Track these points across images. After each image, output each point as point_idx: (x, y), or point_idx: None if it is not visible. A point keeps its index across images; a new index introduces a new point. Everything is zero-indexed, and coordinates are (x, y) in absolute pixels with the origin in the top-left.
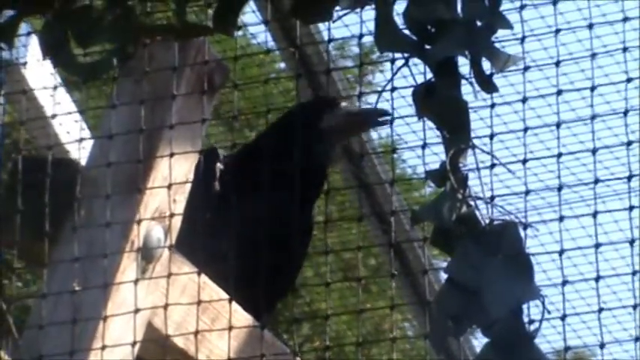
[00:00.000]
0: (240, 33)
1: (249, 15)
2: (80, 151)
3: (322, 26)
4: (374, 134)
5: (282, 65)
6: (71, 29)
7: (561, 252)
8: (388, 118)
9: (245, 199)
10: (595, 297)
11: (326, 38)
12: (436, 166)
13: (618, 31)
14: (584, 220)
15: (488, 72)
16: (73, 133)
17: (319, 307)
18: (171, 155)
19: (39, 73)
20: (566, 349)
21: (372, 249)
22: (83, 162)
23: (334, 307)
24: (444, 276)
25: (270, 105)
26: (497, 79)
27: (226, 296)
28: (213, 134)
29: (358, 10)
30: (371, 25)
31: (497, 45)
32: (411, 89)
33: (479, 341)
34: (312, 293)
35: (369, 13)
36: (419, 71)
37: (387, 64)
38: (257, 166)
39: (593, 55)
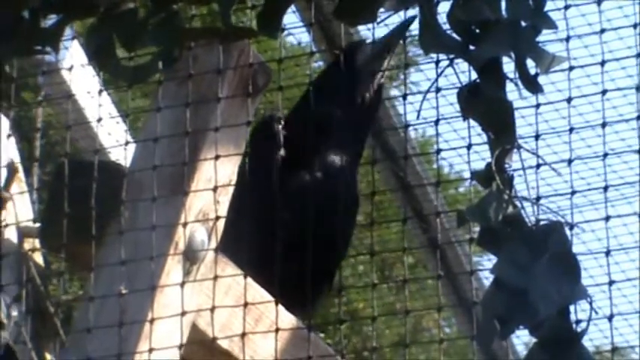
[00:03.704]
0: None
1: (289, 15)
2: (125, 152)
3: (362, 26)
4: (412, 133)
5: (321, 64)
6: (116, 33)
7: (608, 252)
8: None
9: (297, 168)
10: (636, 295)
11: (364, 37)
12: (478, 165)
13: None
14: (627, 219)
15: (532, 72)
16: (114, 135)
17: (357, 307)
18: (217, 158)
19: (80, 75)
20: (614, 349)
21: (410, 243)
22: (126, 162)
23: (372, 306)
24: (483, 273)
25: None
26: (540, 78)
27: (270, 297)
28: None
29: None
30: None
31: (541, 45)
32: (454, 90)
33: (519, 339)
34: (351, 292)
35: (411, 12)
36: (460, 70)
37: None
38: (303, 133)
39: (638, 56)
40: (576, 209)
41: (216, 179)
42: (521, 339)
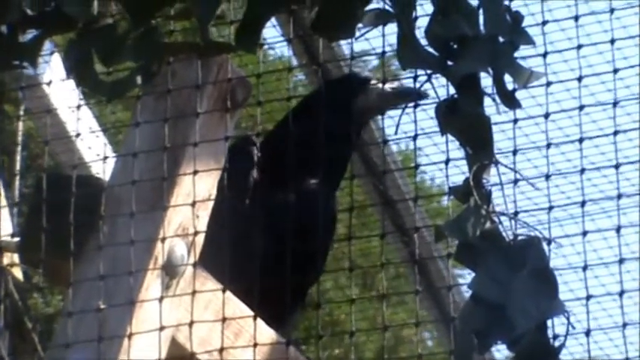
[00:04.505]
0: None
1: (269, 29)
2: (104, 166)
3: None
4: (394, 147)
5: (301, 76)
6: (95, 48)
7: (585, 267)
8: (424, 97)
9: (276, 187)
10: (616, 309)
11: (345, 50)
12: (458, 178)
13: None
14: (607, 232)
15: (510, 88)
16: (94, 149)
17: (339, 318)
18: (195, 173)
19: (61, 89)
20: None
21: (392, 256)
22: (105, 176)
23: (351, 321)
24: (465, 287)
25: None
26: (519, 93)
27: (250, 312)
28: None
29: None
30: (392, 39)
31: (519, 60)
32: (434, 103)
33: (500, 353)
34: (332, 302)
35: (391, 26)
36: (440, 84)
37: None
38: (284, 153)
39: (615, 71)
40: (556, 223)
41: (194, 194)
42: (502, 353)
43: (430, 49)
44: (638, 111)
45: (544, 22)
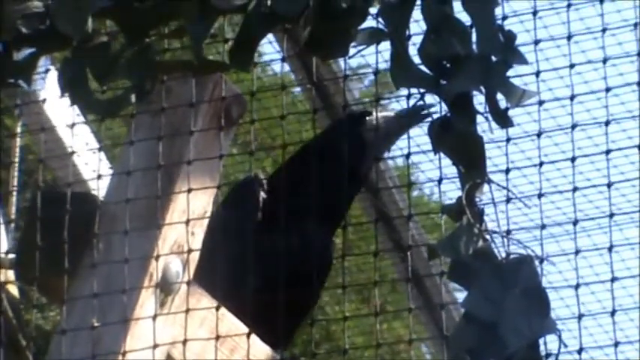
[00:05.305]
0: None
1: (265, 45)
2: (98, 183)
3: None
4: (390, 162)
5: (298, 89)
6: (89, 66)
7: (577, 286)
8: (432, 111)
9: (275, 228)
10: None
11: (342, 65)
12: (454, 194)
13: (634, 61)
14: (601, 245)
15: (503, 106)
16: (91, 164)
17: (335, 329)
18: (189, 191)
19: (58, 104)
20: None
21: (389, 270)
22: (101, 192)
23: (349, 328)
24: (460, 297)
25: (286, 130)
26: (514, 110)
27: (244, 328)
28: (229, 164)
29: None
30: (387, 55)
31: (512, 79)
32: (427, 122)
33: None
34: (327, 319)
35: (385, 43)
36: (435, 101)
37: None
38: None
39: (608, 89)
40: (552, 239)
41: (188, 212)
42: None
43: (423, 68)
44: (632, 127)
45: (536, 42)
